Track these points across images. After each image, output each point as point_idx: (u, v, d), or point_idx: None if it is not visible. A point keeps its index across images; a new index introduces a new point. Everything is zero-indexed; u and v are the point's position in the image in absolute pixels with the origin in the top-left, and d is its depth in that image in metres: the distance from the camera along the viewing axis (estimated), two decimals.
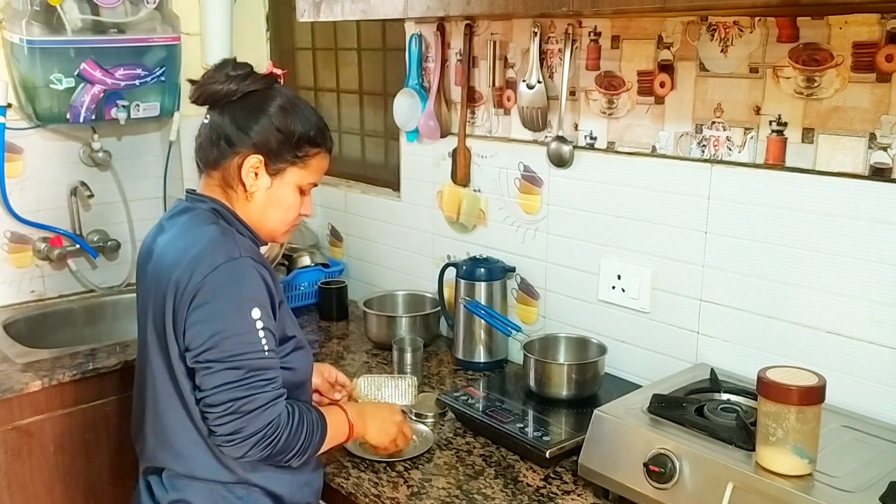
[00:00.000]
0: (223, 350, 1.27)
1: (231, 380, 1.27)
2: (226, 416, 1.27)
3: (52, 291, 2.67)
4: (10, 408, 2.02)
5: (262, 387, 1.28)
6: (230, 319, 1.28)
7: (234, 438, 1.28)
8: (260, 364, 1.29)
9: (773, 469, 1.23)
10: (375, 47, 2.57)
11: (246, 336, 1.28)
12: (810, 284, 1.52)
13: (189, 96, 1.42)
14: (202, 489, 1.38)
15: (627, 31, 1.75)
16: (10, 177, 2.52)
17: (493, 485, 1.53)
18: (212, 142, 1.40)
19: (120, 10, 2.49)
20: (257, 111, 1.38)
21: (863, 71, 1.41)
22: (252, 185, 1.39)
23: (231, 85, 1.37)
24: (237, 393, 1.27)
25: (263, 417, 1.28)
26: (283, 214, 1.43)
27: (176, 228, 1.41)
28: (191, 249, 1.33)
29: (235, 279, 1.30)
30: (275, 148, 1.38)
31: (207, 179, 1.44)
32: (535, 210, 2.02)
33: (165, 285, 1.34)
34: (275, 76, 1.43)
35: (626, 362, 1.86)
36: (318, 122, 1.43)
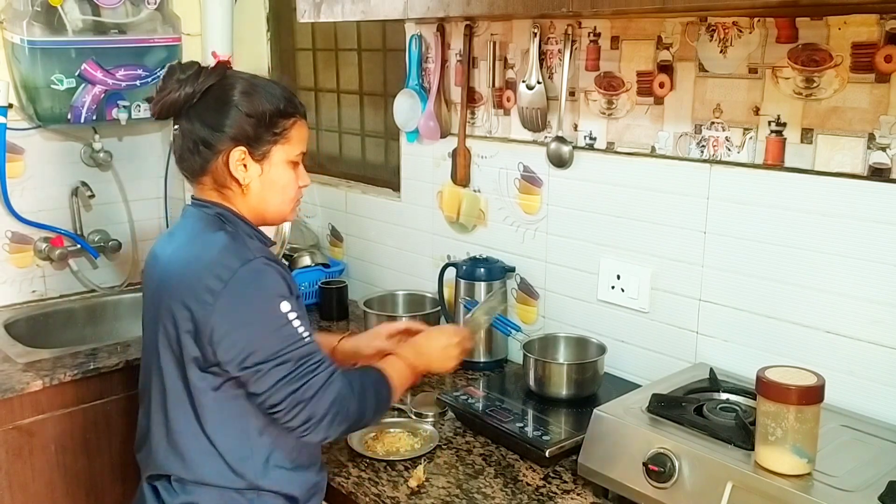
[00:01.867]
0: (266, 350, 1.29)
1: (283, 375, 1.29)
2: (292, 410, 1.30)
3: (54, 291, 2.68)
4: (12, 407, 2.02)
5: (313, 371, 1.31)
6: (263, 320, 1.30)
7: (309, 426, 1.31)
8: (304, 351, 1.31)
9: (773, 468, 1.23)
10: (376, 48, 2.58)
11: (282, 330, 1.30)
12: (809, 284, 1.52)
13: (150, 114, 1.40)
14: (212, 493, 1.38)
15: (627, 32, 1.76)
16: (11, 177, 2.52)
17: (492, 484, 1.53)
18: (191, 150, 1.38)
19: (121, 11, 2.49)
20: (222, 105, 1.35)
21: (862, 71, 1.41)
22: (244, 178, 1.38)
23: (186, 88, 1.34)
24: (293, 385, 1.30)
25: (326, 397, 1.31)
26: (282, 194, 1.43)
27: (184, 236, 1.40)
28: (203, 257, 1.32)
29: (255, 280, 1.30)
30: (252, 134, 1.36)
31: (200, 187, 1.42)
32: (535, 210, 2.02)
33: (179, 294, 1.32)
34: (224, 64, 1.41)
35: (626, 362, 1.86)
36: (283, 92, 1.41)
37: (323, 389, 1.32)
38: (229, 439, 1.37)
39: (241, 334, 1.29)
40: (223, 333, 1.29)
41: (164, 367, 1.38)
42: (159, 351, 1.38)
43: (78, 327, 2.63)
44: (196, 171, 1.40)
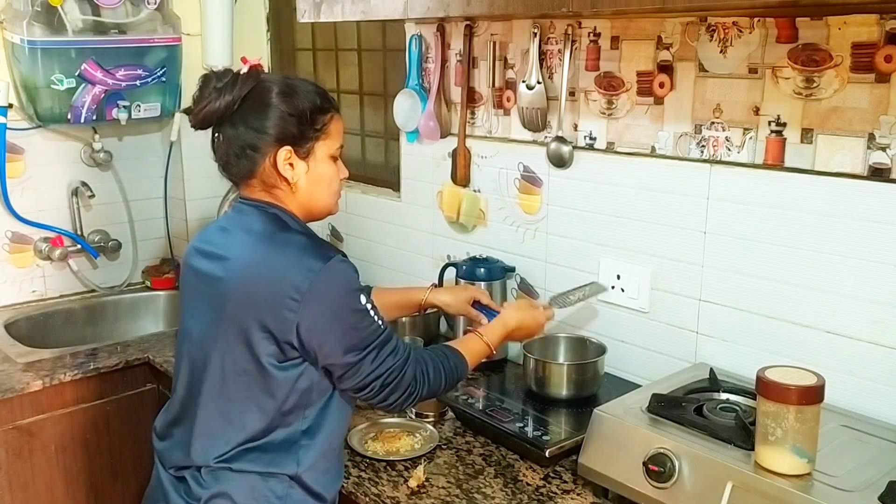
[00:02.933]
0: (353, 342, 1.36)
1: (367, 365, 1.38)
2: (375, 392, 1.40)
3: (54, 291, 2.68)
4: (12, 407, 2.02)
5: (392, 359, 1.40)
6: (349, 315, 1.36)
7: (385, 402, 1.43)
8: (383, 339, 1.40)
9: (773, 468, 1.23)
10: (376, 48, 2.58)
11: (364, 321, 1.37)
12: (809, 284, 1.52)
13: (191, 125, 1.42)
14: (243, 485, 1.38)
15: (627, 32, 1.76)
16: (11, 177, 2.53)
17: (492, 484, 1.53)
18: (237, 155, 1.40)
19: (121, 11, 2.49)
20: (264, 107, 1.38)
21: (862, 71, 1.41)
22: (293, 176, 1.41)
23: (226, 97, 1.37)
24: (378, 372, 1.39)
25: (405, 381, 1.42)
26: (328, 188, 1.46)
27: (253, 234, 1.40)
28: (285, 257, 1.35)
29: (339, 277, 1.36)
30: (296, 133, 1.39)
31: (249, 189, 1.44)
32: (535, 210, 2.02)
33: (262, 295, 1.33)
34: (257, 68, 1.42)
35: (626, 362, 1.86)
36: (317, 89, 1.44)
37: (403, 373, 1.41)
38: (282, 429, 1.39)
39: (331, 330, 1.34)
40: (313, 330, 1.33)
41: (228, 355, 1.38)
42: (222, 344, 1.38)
43: (78, 327, 2.63)
44: (244, 175, 1.42)
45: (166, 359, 2.20)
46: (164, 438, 1.49)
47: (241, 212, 1.45)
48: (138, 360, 2.23)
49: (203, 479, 1.40)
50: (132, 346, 2.29)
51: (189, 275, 1.49)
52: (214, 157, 1.45)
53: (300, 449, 1.40)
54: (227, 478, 1.39)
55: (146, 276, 2.85)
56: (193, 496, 1.40)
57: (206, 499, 1.38)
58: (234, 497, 1.37)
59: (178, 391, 1.48)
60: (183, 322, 1.49)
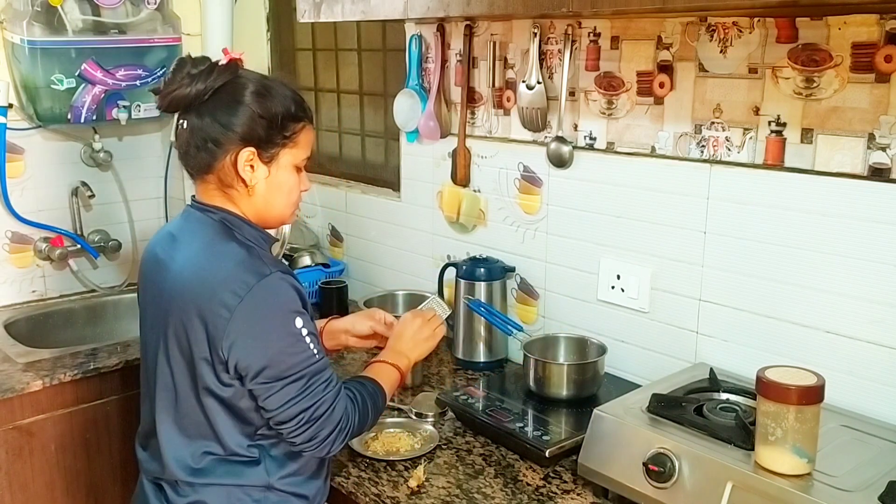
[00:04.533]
0: (280, 367, 1.29)
1: (295, 393, 1.30)
2: (300, 427, 1.32)
3: (53, 291, 2.68)
4: (12, 407, 2.02)
5: (323, 390, 1.33)
6: (278, 337, 1.29)
7: (314, 443, 1.33)
8: (315, 369, 1.32)
9: (773, 468, 1.24)
10: (376, 48, 2.58)
11: (296, 346, 1.30)
12: (809, 284, 1.52)
13: (157, 106, 1.37)
14: (219, 492, 1.37)
15: (627, 32, 1.76)
16: (11, 177, 2.52)
17: (492, 484, 1.53)
18: (198, 147, 1.35)
19: (121, 11, 2.49)
20: (235, 103, 1.33)
21: (862, 71, 1.41)
22: (251, 179, 1.36)
23: (198, 84, 1.31)
24: (304, 403, 1.31)
25: (335, 416, 1.33)
26: (286, 198, 1.42)
27: (195, 244, 1.37)
28: (219, 271, 1.30)
29: (272, 296, 1.30)
30: (263, 135, 1.34)
31: (203, 185, 1.41)
32: (535, 210, 2.02)
33: (194, 308, 1.30)
34: (236, 62, 1.37)
35: (626, 362, 1.86)
36: (294, 96, 1.39)
37: (332, 408, 1.33)
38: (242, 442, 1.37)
39: (255, 351, 1.28)
40: (238, 348, 1.28)
41: (175, 371, 1.36)
42: (168, 356, 1.36)
43: (78, 327, 2.63)
44: (201, 169, 1.38)
45: None
46: (145, 448, 1.48)
47: (189, 218, 1.42)
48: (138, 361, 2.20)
49: (179, 488, 1.40)
50: (132, 346, 2.29)
51: (143, 283, 1.47)
52: (175, 143, 1.40)
53: (268, 461, 1.39)
54: (203, 487, 1.38)
55: None
56: (170, 503, 1.40)
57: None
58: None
59: (146, 402, 1.47)
60: (142, 333, 1.47)
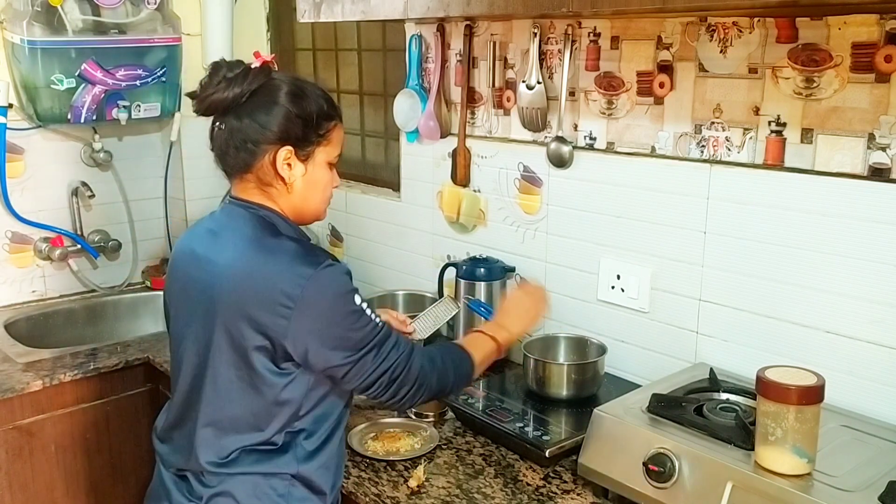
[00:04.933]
0: (351, 343, 1.35)
1: (371, 363, 1.37)
2: (383, 389, 1.40)
3: (54, 291, 2.68)
4: (12, 407, 2.02)
5: (395, 354, 1.40)
6: (343, 317, 1.35)
7: (396, 398, 1.42)
8: (382, 336, 1.39)
9: (773, 468, 1.24)
10: (376, 48, 2.58)
11: (361, 321, 1.36)
12: (809, 284, 1.52)
13: (194, 110, 1.41)
14: (245, 483, 1.39)
15: (627, 32, 1.76)
16: (11, 177, 2.53)
17: (492, 484, 1.53)
18: (237, 147, 1.39)
19: (121, 11, 2.49)
20: (271, 104, 1.38)
21: (862, 71, 1.41)
22: (290, 177, 1.40)
23: (235, 88, 1.37)
24: (381, 369, 1.39)
25: (411, 374, 1.42)
26: (321, 194, 1.46)
27: (243, 239, 1.39)
28: (275, 264, 1.34)
29: (331, 282, 1.34)
30: (300, 134, 1.39)
31: (242, 183, 1.43)
32: (535, 210, 2.02)
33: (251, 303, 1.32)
34: (269, 65, 1.43)
35: (626, 362, 1.86)
36: (325, 94, 1.45)
37: (408, 366, 1.41)
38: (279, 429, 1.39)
39: (325, 336, 1.33)
40: (306, 337, 1.32)
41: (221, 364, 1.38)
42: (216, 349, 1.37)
43: (78, 327, 2.63)
44: (240, 168, 1.41)
45: (166, 359, 2.20)
46: (165, 441, 1.49)
47: (230, 214, 1.43)
48: (138, 360, 2.23)
49: (205, 479, 1.40)
50: (132, 346, 2.29)
51: (179, 279, 1.47)
52: (211, 145, 1.43)
53: (299, 449, 1.40)
54: (229, 477, 1.39)
55: (146, 276, 2.85)
56: (195, 495, 1.40)
57: (208, 497, 1.39)
58: (236, 495, 1.38)
59: (177, 396, 1.48)
60: (176, 328, 1.48)
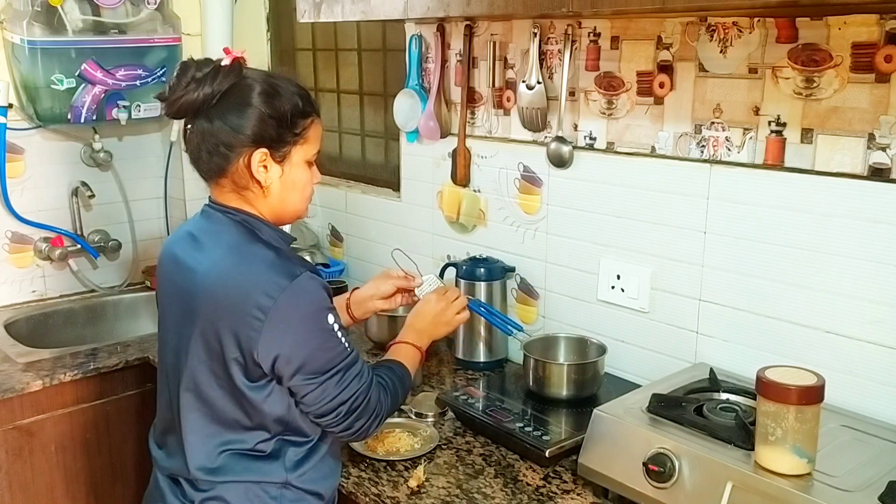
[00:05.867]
0: (317, 364, 1.32)
1: (333, 388, 1.34)
2: (340, 419, 1.37)
3: (54, 291, 2.68)
4: (12, 407, 2.02)
5: (358, 382, 1.37)
6: (313, 335, 1.32)
7: (351, 431, 1.39)
8: (349, 362, 1.36)
9: (773, 468, 1.24)
10: (376, 48, 2.58)
11: (330, 342, 1.33)
12: (809, 284, 1.52)
13: (164, 113, 1.36)
14: (237, 488, 1.38)
15: (627, 32, 1.76)
16: (11, 177, 2.53)
17: (492, 484, 1.53)
18: (209, 151, 1.34)
19: (121, 11, 2.49)
20: (244, 106, 1.31)
21: (862, 71, 1.41)
22: (266, 179, 1.36)
23: (205, 88, 1.30)
24: (342, 397, 1.35)
25: (370, 405, 1.39)
26: (300, 194, 1.42)
27: (221, 246, 1.36)
28: (250, 273, 1.31)
29: (304, 296, 1.31)
30: (274, 135, 1.34)
31: (218, 188, 1.40)
32: (535, 210, 2.02)
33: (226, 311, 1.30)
34: (240, 62, 1.35)
35: (626, 362, 1.86)
36: (300, 91, 1.38)
37: (367, 398, 1.38)
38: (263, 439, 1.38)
39: (293, 349, 1.30)
40: (275, 349, 1.29)
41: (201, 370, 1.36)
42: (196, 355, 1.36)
43: (78, 327, 2.63)
44: (215, 173, 1.37)
45: None
46: (161, 446, 1.49)
47: (209, 218, 1.41)
48: (138, 360, 2.23)
49: (198, 484, 1.40)
50: (132, 346, 2.29)
51: (163, 284, 1.46)
52: (185, 147, 1.39)
53: (287, 459, 1.39)
54: (221, 484, 1.38)
55: (146, 276, 2.85)
56: (188, 498, 1.40)
57: (200, 501, 1.38)
58: (229, 500, 1.37)
59: (161, 402, 1.48)
60: (160, 332, 1.47)
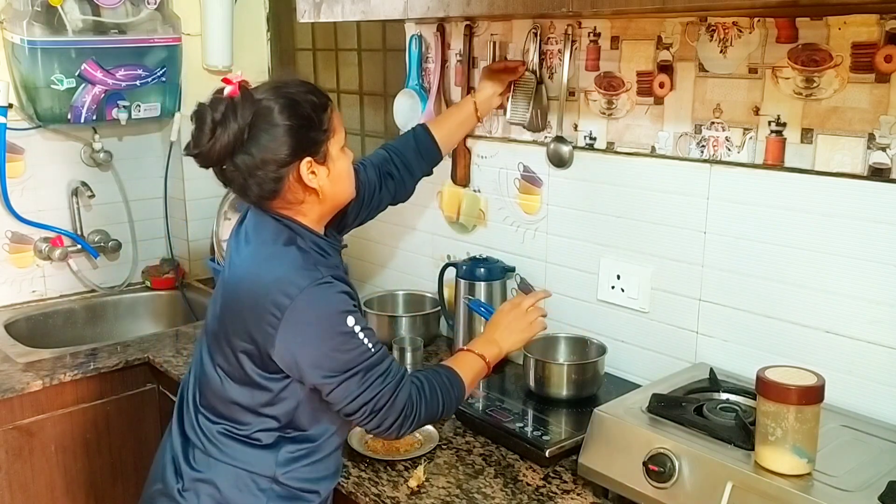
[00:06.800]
0: (335, 365, 1.33)
1: (355, 387, 1.35)
2: (367, 417, 1.37)
3: (54, 291, 2.68)
4: (12, 407, 2.02)
5: (382, 382, 1.36)
6: (328, 337, 1.33)
7: (381, 429, 1.39)
8: (371, 363, 1.36)
9: (773, 468, 1.23)
10: (376, 48, 2.58)
11: (349, 344, 1.33)
12: (809, 284, 1.52)
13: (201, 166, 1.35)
14: (228, 473, 1.41)
15: (627, 32, 1.76)
16: (11, 177, 2.53)
17: (492, 484, 1.53)
18: (259, 183, 1.35)
19: (121, 11, 2.49)
20: (271, 128, 1.32)
21: (862, 71, 1.41)
22: (318, 183, 1.39)
23: (231, 127, 1.29)
24: (365, 396, 1.35)
25: (397, 404, 1.38)
26: (348, 180, 1.46)
27: (256, 243, 1.40)
28: (273, 271, 1.34)
29: (322, 299, 1.33)
30: (308, 141, 1.36)
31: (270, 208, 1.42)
32: (535, 210, 2.02)
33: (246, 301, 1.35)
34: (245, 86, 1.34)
35: (626, 362, 1.86)
36: (308, 87, 1.39)
37: (394, 397, 1.37)
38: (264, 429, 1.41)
39: (305, 350, 1.32)
40: (288, 348, 1.32)
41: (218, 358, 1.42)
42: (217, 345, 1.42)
43: (78, 327, 2.63)
44: (267, 198, 1.39)
45: (166, 359, 2.20)
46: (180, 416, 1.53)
47: (258, 215, 1.44)
48: (138, 360, 2.23)
49: (195, 461, 1.43)
50: (132, 346, 2.29)
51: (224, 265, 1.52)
52: (229, 186, 1.39)
53: (281, 452, 1.42)
54: (216, 463, 1.42)
55: (146, 276, 2.85)
56: (182, 476, 1.44)
57: (192, 480, 1.42)
58: (219, 485, 1.41)
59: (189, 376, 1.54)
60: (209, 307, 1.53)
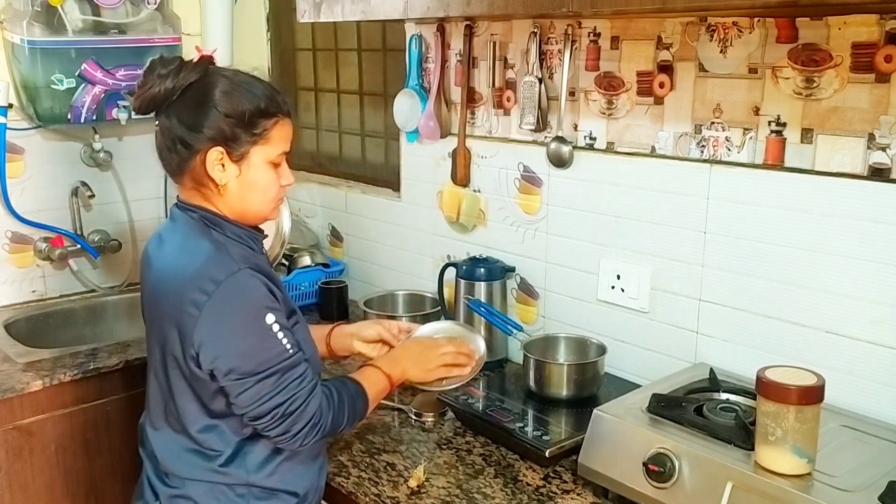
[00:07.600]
0: (251, 364, 1.29)
1: (268, 390, 1.30)
2: (275, 422, 1.31)
3: (53, 291, 2.68)
4: (12, 407, 2.02)
5: (297, 385, 1.32)
6: (248, 333, 1.29)
7: (286, 436, 1.33)
8: (288, 364, 1.31)
9: (773, 468, 1.24)
10: (376, 48, 2.58)
11: (267, 342, 1.30)
12: (809, 284, 1.52)
13: (132, 108, 1.36)
14: (203, 486, 1.39)
15: (627, 32, 1.76)
16: (11, 177, 2.52)
17: (492, 484, 1.53)
18: (169, 148, 1.36)
19: (121, 11, 2.49)
20: (201, 104, 1.31)
21: (862, 71, 1.41)
22: (221, 178, 1.34)
23: (167, 83, 1.30)
24: (278, 399, 1.30)
25: (308, 411, 1.33)
26: (262, 195, 1.39)
27: (173, 243, 1.39)
28: (188, 267, 1.31)
29: (240, 292, 1.29)
30: (230, 135, 1.32)
31: (181, 186, 1.41)
32: (535, 210, 2.02)
33: (168, 304, 1.33)
34: (208, 59, 1.35)
35: (626, 362, 1.86)
36: (266, 90, 1.36)
37: (306, 403, 1.33)
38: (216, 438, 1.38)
39: (225, 347, 1.29)
40: (208, 346, 1.29)
41: (158, 368, 1.40)
42: (156, 351, 1.41)
43: (78, 327, 2.63)
44: (174, 170, 1.39)
45: None
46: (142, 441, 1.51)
47: (173, 218, 1.43)
48: (138, 360, 2.22)
49: (169, 480, 1.42)
50: (132, 346, 2.29)
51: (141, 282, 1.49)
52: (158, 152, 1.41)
53: (248, 459, 1.40)
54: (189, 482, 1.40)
55: None
56: (160, 494, 1.43)
57: (168, 497, 1.41)
58: (195, 498, 1.39)
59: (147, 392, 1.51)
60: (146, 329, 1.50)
